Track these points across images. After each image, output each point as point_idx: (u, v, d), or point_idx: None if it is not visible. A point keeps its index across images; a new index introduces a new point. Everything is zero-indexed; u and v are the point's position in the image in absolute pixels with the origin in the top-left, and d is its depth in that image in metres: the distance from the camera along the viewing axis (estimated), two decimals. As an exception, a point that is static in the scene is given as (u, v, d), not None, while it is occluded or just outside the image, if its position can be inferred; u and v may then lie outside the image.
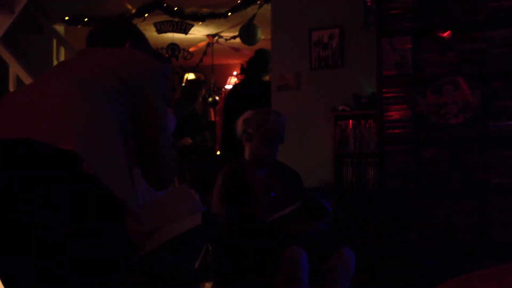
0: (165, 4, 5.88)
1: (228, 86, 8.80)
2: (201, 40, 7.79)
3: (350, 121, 4.21)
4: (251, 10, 5.94)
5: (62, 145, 1.31)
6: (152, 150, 1.66)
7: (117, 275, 1.42)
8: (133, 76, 1.59)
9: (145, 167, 1.68)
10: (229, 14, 5.88)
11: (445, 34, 3.52)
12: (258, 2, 5.62)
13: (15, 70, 4.58)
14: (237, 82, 6.95)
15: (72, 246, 1.33)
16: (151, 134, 1.64)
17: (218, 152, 6.42)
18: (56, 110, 1.39)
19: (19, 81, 4.59)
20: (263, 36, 6.32)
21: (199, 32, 7.28)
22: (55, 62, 5.70)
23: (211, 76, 8.47)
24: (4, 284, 1.40)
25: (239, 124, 3.00)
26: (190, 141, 5.28)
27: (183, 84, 5.69)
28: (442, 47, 3.56)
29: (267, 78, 5.02)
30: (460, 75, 3.49)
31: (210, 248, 2.92)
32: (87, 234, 1.34)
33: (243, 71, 7.97)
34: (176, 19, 6.43)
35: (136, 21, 5.89)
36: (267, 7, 5.21)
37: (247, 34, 6.36)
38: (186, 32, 6.77)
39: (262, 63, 4.99)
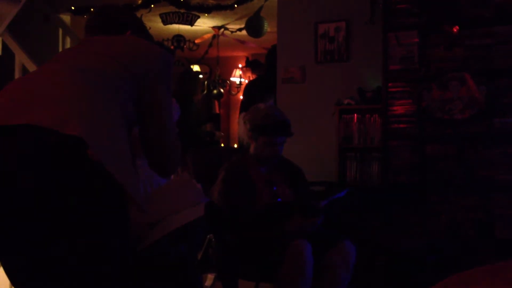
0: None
1: (234, 79, 8.79)
2: (207, 32, 7.77)
3: (355, 115, 4.20)
4: (257, 2, 5.92)
5: (67, 131, 1.31)
6: (156, 136, 1.65)
7: (119, 264, 1.42)
8: (137, 62, 1.59)
9: (150, 154, 1.68)
10: (236, 6, 5.86)
11: (453, 29, 3.50)
12: (265, -6, 5.60)
13: (21, 59, 4.58)
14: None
15: (74, 233, 1.33)
16: (156, 120, 1.64)
17: (222, 145, 6.42)
18: (60, 97, 1.39)
19: (24, 70, 4.59)
20: (269, 28, 6.30)
21: (205, 23, 7.27)
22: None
23: (216, 68, 8.46)
24: (5, 270, 1.41)
25: (242, 124, 3.02)
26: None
27: (179, 79, 5.45)
28: (449, 42, 3.54)
29: None
30: (466, 70, 3.48)
31: (213, 239, 2.92)
32: (90, 222, 1.34)
33: (248, 63, 7.96)
34: (182, 11, 6.42)
35: (142, 12, 5.89)
36: (274, -1, 5.19)
37: (254, 26, 6.34)
38: (192, 24, 6.75)
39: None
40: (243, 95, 5.81)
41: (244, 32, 6.78)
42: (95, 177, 1.34)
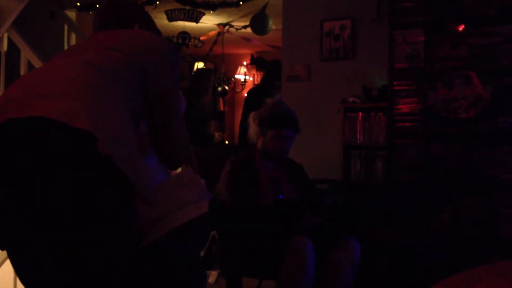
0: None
1: (238, 76, 8.79)
2: (212, 29, 7.77)
3: (360, 113, 4.19)
4: (262, 0, 5.92)
5: (77, 124, 1.31)
6: (164, 129, 1.66)
7: (123, 260, 1.43)
8: (144, 55, 1.60)
9: (158, 145, 1.69)
10: (241, 3, 5.86)
11: (459, 28, 3.50)
12: (270, -9, 5.60)
13: (27, 55, 4.59)
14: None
15: (80, 228, 1.33)
16: (163, 113, 1.65)
17: (227, 142, 6.45)
18: (69, 91, 1.39)
19: (30, 66, 4.60)
20: (274, 26, 6.30)
21: (210, 21, 7.27)
22: (66, 48, 5.69)
23: (221, 65, 8.46)
24: (13, 265, 1.42)
25: (251, 123, 3.06)
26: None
27: (193, 74, 5.60)
28: (454, 41, 3.54)
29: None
30: (472, 69, 3.47)
31: (216, 236, 2.93)
32: (97, 217, 1.35)
33: (253, 61, 7.97)
34: (187, 8, 6.42)
35: (147, 8, 5.88)
36: (279, -4, 5.18)
37: (259, 23, 6.35)
38: (197, 21, 6.75)
39: (275, 72, 5.37)
40: (246, 101, 5.90)
41: (249, 29, 6.78)
42: (104, 171, 1.34)
